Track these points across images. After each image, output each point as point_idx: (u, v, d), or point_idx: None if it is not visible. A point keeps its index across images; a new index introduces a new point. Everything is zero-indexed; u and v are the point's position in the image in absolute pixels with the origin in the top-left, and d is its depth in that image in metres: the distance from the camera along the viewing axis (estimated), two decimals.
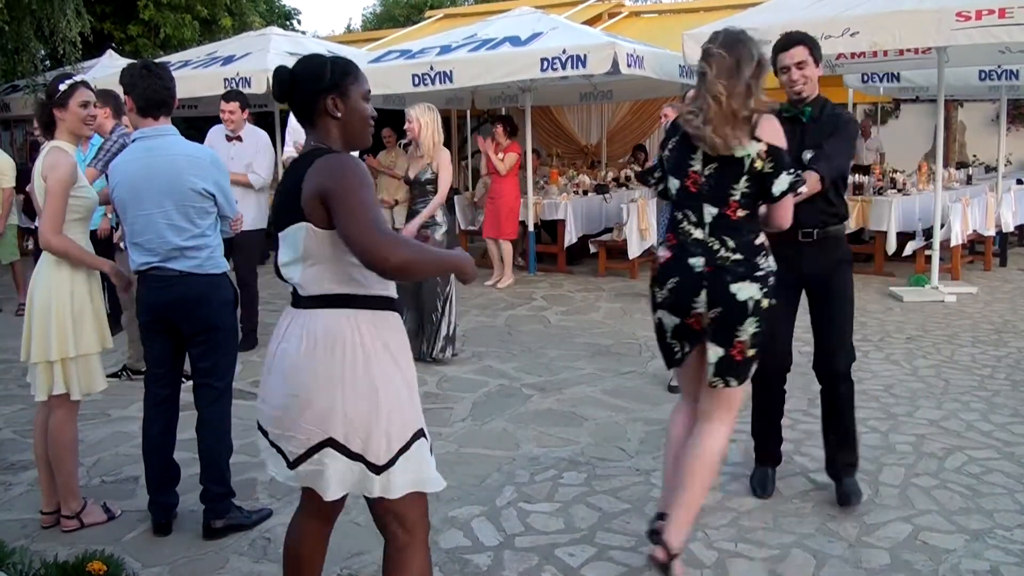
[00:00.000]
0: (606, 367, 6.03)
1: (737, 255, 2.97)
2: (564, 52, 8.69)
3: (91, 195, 3.67)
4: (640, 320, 7.39)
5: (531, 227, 9.98)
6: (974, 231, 9.47)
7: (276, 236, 2.44)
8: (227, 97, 6.86)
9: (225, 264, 3.70)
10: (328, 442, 2.34)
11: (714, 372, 3.05)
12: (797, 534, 3.54)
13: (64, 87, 3.57)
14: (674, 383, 5.44)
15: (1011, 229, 10.36)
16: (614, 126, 15.15)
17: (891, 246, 9.13)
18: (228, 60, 10.93)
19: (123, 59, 11.83)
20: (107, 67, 11.53)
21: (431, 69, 9.24)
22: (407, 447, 2.39)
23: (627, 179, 11.70)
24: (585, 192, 10.73)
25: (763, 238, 3.05)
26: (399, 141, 9.74)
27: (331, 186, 2.24)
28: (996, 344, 6.51)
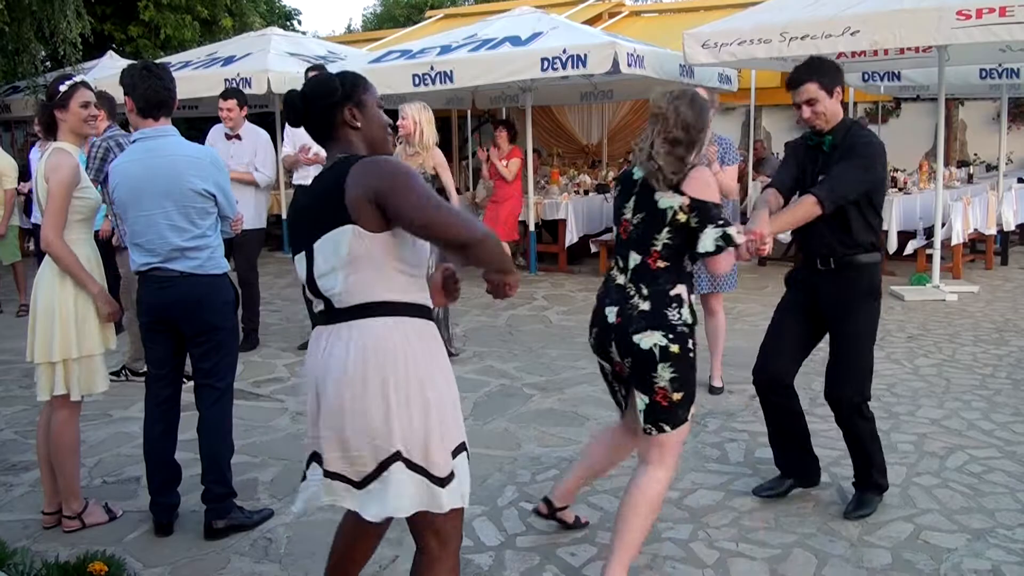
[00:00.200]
0: None
1: (645, 304, 3.04)
2: (564, 52, 8.69)
3: (94, 196, 3.67)
4: None
5: (532, 227, 9.98)
6: (975, 230, 9.48)
7: (303, 251, 2.36)
8: (225, 95, 6.84)
9: (226, 264, 3.70)
10: (396, 456, 2.27)
11: (644, 419, 3.06)
12: (799, 534, 3.54)
13: (64, 88, 3.58)
14: None
15: (1012, 228, 10.36)
16: (615, 126, 15.15)
17: (892, 245, 9.12)
18: (229, 61, 10.95)
19: (124, 60, 11.84)
20: (108, 68, 11.55)
21: (431, 69, 9.25)
22: (455, 459, 2.37)
23: None
24: (586, 192, 10.73)
25: (680, 289, 3.06)
26: (397, 138, 9.73)
27: (385, 185, 2.21)
28: (997, 343, 6.51)
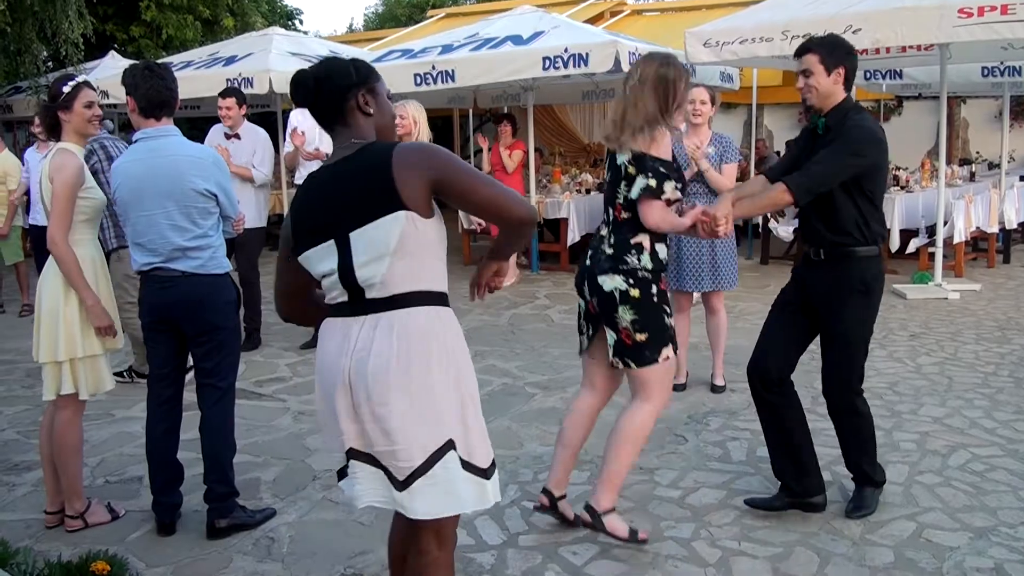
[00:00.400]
0: None
1: (610, 250, 3.35)
2: (566, 51, 8.68)
3: (98, 196, 3.68)
4: None
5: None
6: (977, 228, 9.46)
7: (327, 242, 2.28)
8: (224, 94, 6.82)
9: (228, 264, 3.70)
10: (448, 445, 2.23)
11: (612, 353, 3.37)
12: (800, 532, 3.53)
13: (68, 89, 3.58)
14: (677, 381, 5.44)
15: (1014, 226, 10.33)
16: None
17: (894, 243, 9.11)
18: (230, 60, 10.94)
19: (125, 60, 11.85)
20: (109, 68, 11.55)
21: (433, 68, 9.25)
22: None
23: None
24: (588, 191, 10.72)
25: (641, 238, 3.32)
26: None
27: (443, 167, 2.22)
28: (1000, 341, 6.50)
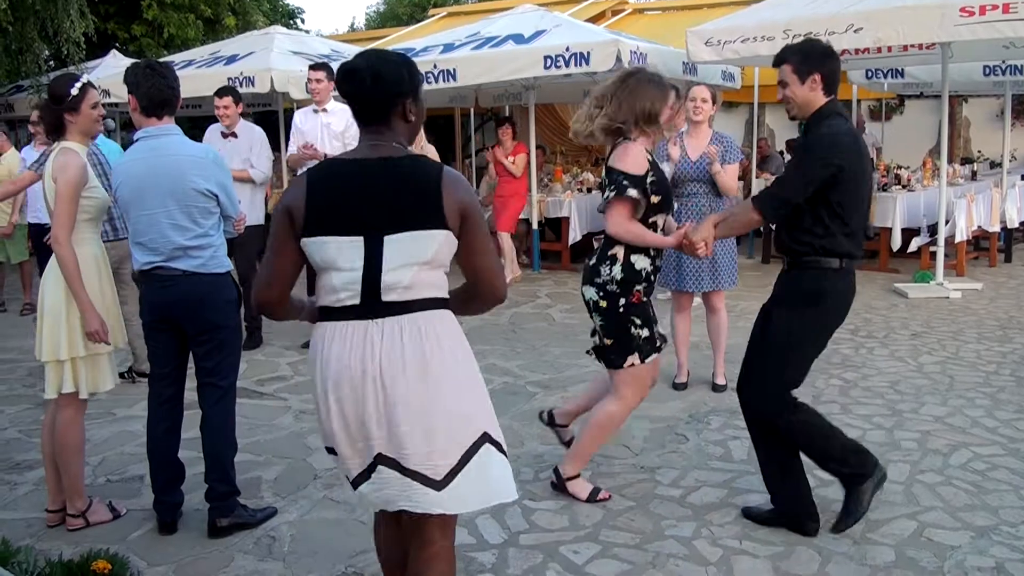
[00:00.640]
0: None
1: (593, 261, 3.68)
2: (567, 50, 8.68)
3: (101, 195, 3.68)
4: None
5: (535, 225, 9.98)
6: (979, 227, 9.46)
7: (356, 236, 2.27)
8: (220, 93, 6.80)
9: (228, 263, 3.70)
10: (484, 437, 2.35)
11: (592, 349, 3.83)
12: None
13: (75, 91, 3.58)
14: (678, 380, 5.44)
15: (1016, 225, 10.32)
16: None
17: (896, 242, 9.12)
18: (232, 59, 10.94)
19: (127, 59, 11.85)
20: (111, 67, 11.55)
21: (434, 67, 9.24)
22: None
23: None
24: (589, 190, 10.71)
25: (616, 250, 3.60)
26: None
27: (473, 206, 2.34)
28: (1001, 340, 6.50)
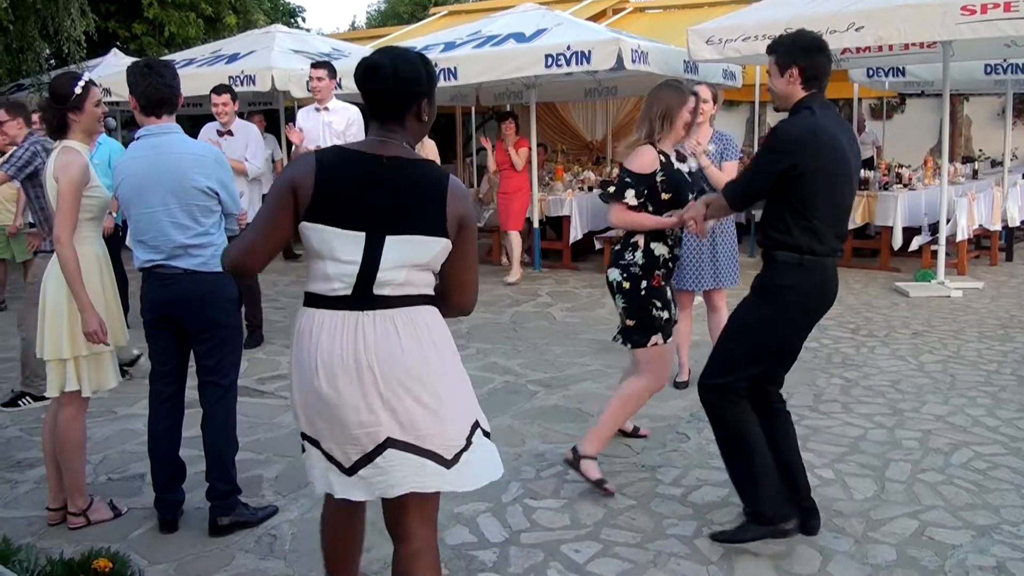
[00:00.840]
0: (612, 363, 6.02)
1: (618, 247, 4.04)
2: (568, 48, 8.67)
3: (103, 194, 3.67)
4: None
5: (536, 223, 9.98)
6: (980, 226, 9.46)
7: (357, 231, 2.31)
8: (218, 90, 6.79)
9: None
10: (476, 425, 2.44)
11: (616, 332, 4.09)
12: None
13: (79, 90, 3.57)
14: (679, 379, 5.44)
15: (1017, 224, 10.33)
16: (619, 122, 15.11)
17: (897, 241, 9.12)
18: (233, 58, 10.95)
19: (128, 58, 11.86)
20: (112, 66, 11.56)
21: (435, 66, 9.20)
22: None
23: None
24: (590, 188, 10.71)
25: (637, 237, 3.93)
26: None
27: (470, 219, 2.42)
28: (1002, 339, 6.50)
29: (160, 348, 3.66)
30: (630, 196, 3.88)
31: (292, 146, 6.97)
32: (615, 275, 3.96)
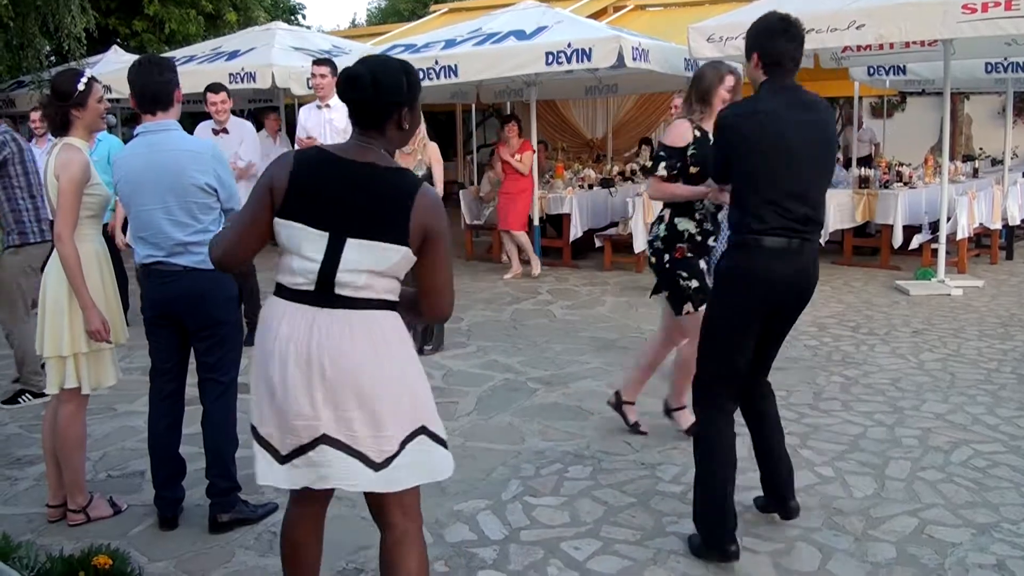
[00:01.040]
0: (612, 361, 6.03)
1: (653, 221, 4.42)
2: (569, 46, 8.67)
3: (103, 192, 3.67)
4: (645, 314, 7.37)
5: (536, 221, 9.97)
6: (980, 224, 9.45)
7: (322, 231, 2.35)
8: (215, 88, 6.78)
9: None
10: (422, 429, 2.45)
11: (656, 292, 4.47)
12: (802, 528, 3.53)
13: (82, 87, 3.57)
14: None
15: (1017, 222, 10.32)
16: (620, 120, 15.11)
17: (897, 239, 9.11)
18: (233, 55, 10.93)
19: (128, 55, 11.85)
20: (112, 63, 11.54)
21: (436, 63, 9.23)
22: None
23: (633, 173, 11.67)
24: (591, 186, 10.71)
25: (665, 211, 4.29)
26: None
27: (438, 230, 2.42)
28: (1002, 338, 6.50)
29: (160, 345, 3.66)
30: (662, 168, 4.15)
31: None
32: (648, 251, 4.38)
